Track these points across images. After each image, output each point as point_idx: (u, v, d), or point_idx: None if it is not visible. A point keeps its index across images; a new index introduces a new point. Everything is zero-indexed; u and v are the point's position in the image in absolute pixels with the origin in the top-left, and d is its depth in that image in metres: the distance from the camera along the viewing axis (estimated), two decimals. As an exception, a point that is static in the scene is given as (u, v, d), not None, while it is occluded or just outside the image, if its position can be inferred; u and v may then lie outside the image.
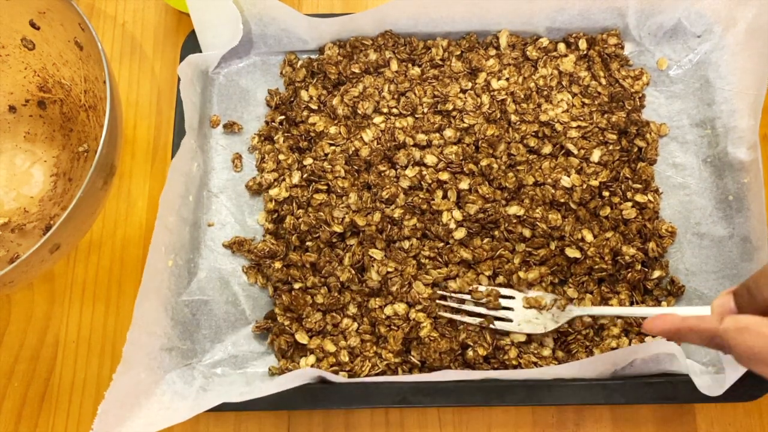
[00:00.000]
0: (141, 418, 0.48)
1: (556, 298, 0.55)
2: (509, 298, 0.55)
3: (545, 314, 0.54)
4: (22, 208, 0.62)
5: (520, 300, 0.55)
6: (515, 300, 0.55)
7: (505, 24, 0.64)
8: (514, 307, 0.55)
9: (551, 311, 0.54)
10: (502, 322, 0.54)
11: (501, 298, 0.55)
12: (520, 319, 0.54)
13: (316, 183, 0.60)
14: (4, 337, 0.59)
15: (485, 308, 0.55)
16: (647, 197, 0.58)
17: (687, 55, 0.64)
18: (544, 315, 0.54)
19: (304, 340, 0.55)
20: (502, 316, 0.54)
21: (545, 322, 0.54)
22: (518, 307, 0.55)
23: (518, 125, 0.60)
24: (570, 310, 0.54)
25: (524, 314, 0.54)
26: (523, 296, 0.55)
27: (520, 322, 0.54)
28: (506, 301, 0.55)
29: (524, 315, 0.54)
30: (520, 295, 0.55)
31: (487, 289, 0.55)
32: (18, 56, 0.62)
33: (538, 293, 0.55)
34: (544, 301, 0.54)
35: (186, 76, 0.59)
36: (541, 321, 0.54)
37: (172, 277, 0.55)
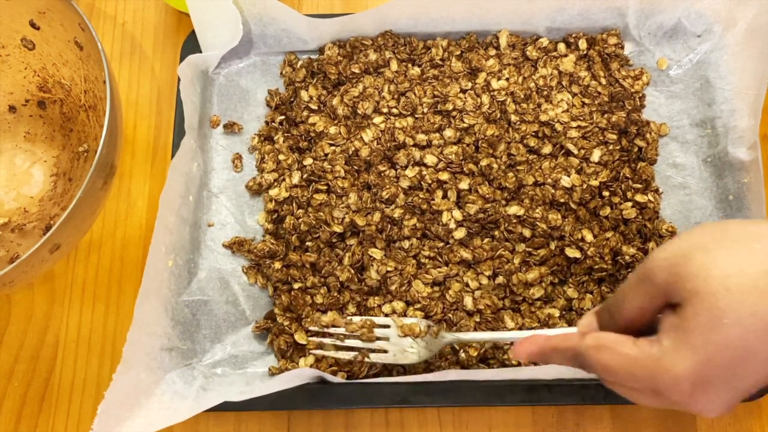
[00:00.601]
0: (141, 418, 0.48)
1: (429, 325, 0.52)
2: (384, 327, 0.53)
3: (419, 342, 0.52)
4: (22, 208, 0.62)
5: (395, 329, 0.52)
6: (390, 329, 0.53)
7: (505, 24, 0.64)
8: (390, 336, 0.52)
9: (425, 338, 0.52)
10: (378, 354, 0.52)
11: (376, 328, 0.53)
12: (396, 349, 0.52)
13: (316, 183, 0.60)
14: (4, 337, 0.59)
15: (360, 341, 0.52)
16: (647, 197, 0.58)
17: (687, 54, 0.64)
18: (419, 343, 0.52)
19: (303, 341, 0.55)
20: (377, 347, 0.52)
21: (419, 350, 0.52)
22: (393, 336, 0.52)
23: (518, 125, 0.60)
24: (442, 336, 0.51)
25: (400, 343, 0.52)
26: (398, 324, 0.52)
27: (396, 352, 0.52)
28: (381, 331, 0.53)
29: (400, 344, 0.52)
30: (395, 324, 0.53)
31: (361, 320, 0.53)
32: (18, 56, 0.62)
33: (412, 320, 0.53)
34: (418, 328, 0.52)
35: (186, 77, 0.59)
36: (416, 349, 0.52)
37: (172, 277, 0.55)
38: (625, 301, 0.38)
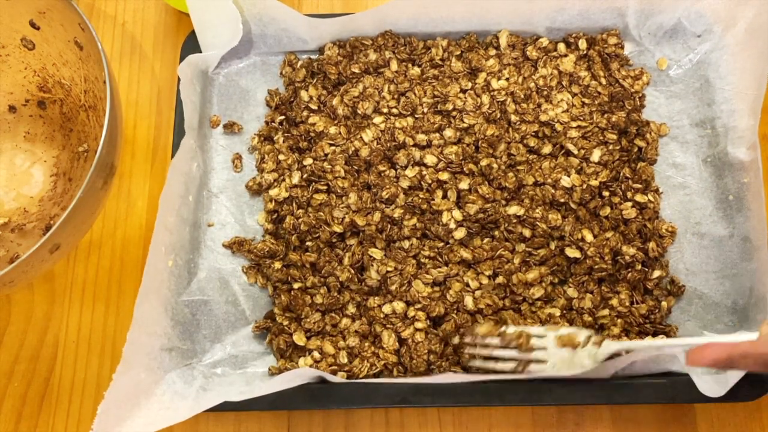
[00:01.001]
0: (141, 418, 0.48)
1: (589, 335, 0.50)
2: (540, 337, 0.51)
3: (581, 352, 0.50)
4: (22, 208, 0.62)
5: (552, 339, 0.51)
6: (547, 338, 0.51)
7: (505, 24, 0.64)
8: (546, 346, 0.51)
9: (586, 348, 0.50)
10: (537, 365, 0.51)
11: (532, 339, 0.51)
12: (556, 359, 0.50)
13: (316, 183, 0.60)
14: (4, 337, 0.59)
15: (516, 351, 0.51)
16: (647, 197, 0.58)
17: (687, 55, 0.64)
18: (579, 354, 0.50)
19: (302, 342, 0.55)
20: (536, 358, 0.51)
21: (582, 361, 0.50)
22: (551, 347, 0.51)
23: (518, 125, 0.60)
24: (607, 345, 0.50)
25: (558, 354, 0.50)
26: (555, 335, 0.50)
27: (556, 363, 0.50)
28: (538, 341, 0.51)
29: (559, 354, 0.50)
30: (552, 334, 0.51)
31: (516, 331, 0.51)
32: (18, 56, 0.62)
33: (570, 330, 0.51)
34: (578, 339, 0.50)
35: (186, 76, 0.59)
36: (578, 360, 0.50)
37: (172, 277, 0.55)
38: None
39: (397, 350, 0.55)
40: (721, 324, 0.56)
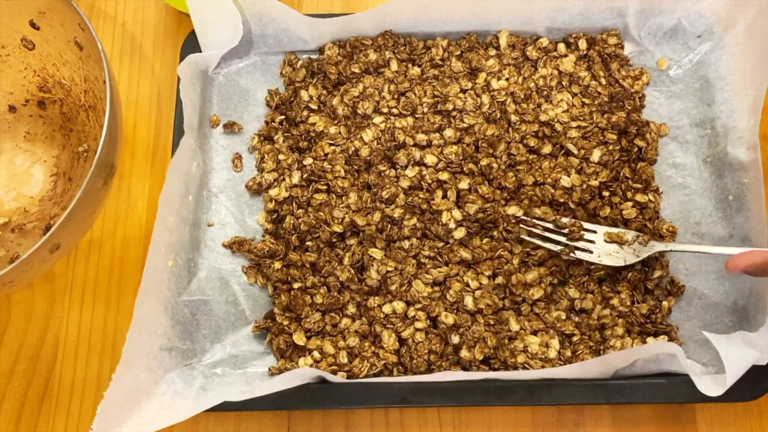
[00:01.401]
0: (141, 417, 0.48)
1: (638, 235, 0.55)
2: (591, 231, 0.56)
3: (626, 248, 0.55)
4: (22, 208, 0.62)
5: (602, 235, 0.55)
6: (597, 234, 0.56)
7: (505, 24, 0.64)
8: (595, 240, 0.55)
9: (632, 246, 0.55)
10: (582, 253, 0.55)
11: (584, 231, 0.55)
12: (601, 251, 0.55)
13: (316, 183, 0.60)
14: (4, 337, 0.59)
15: (567, 239, 0.56)
16: (647, 197, 0.58)
17: (687, 55, 0.64)
18: (626, 249, 0.55)
19: (302, 342, 0.55)
20: (583, 246, 0.55)
21: (625, 256, 0.55)
22: (599, 241, 0.55)
23: (518, 125, 0.60)
24: (652, 245, 0.54)
25: (605, 248, 0.55)
26: (605, 231, 0.55)
27: (600, 254, 0.55)
28: (588, 235, 0.56)
29: (605, 248, 0.55)
30: (602, 230, 0.56)
31: (570, 220, 0.56)
32: (18, 56, 0.62)
33: (620, 230, 0.56)
34: (626, 237, 0.55)
35: (186, 76, 0.59)
36: (622, 255, 0.55)
37: (172, 277, 0.55)
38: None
39: (397, 350, 0.55)
40: (721, 324, 0.56)
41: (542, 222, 0.57)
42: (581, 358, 0.54)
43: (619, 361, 0.51)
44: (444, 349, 0.55)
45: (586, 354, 0.54)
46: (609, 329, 0.55)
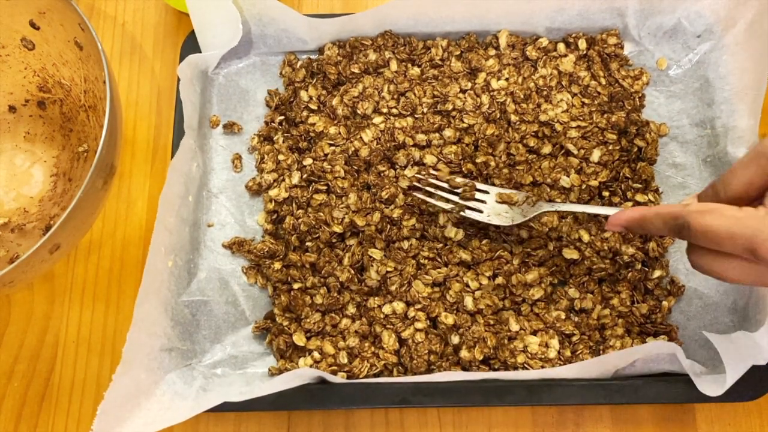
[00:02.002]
0: (141, 418, 0.48)
1: (528, 195, 0.56)
2: (484, 192, 0.57)
3: (515, 209, 0.55)
4: (22, 208, 0.62)
5: (494, 195, 0.56)
6: (489, 195, 0.56)
7: (504, 24, 0.64)
8: (486, 201, 0.56)
9: (522, 207, 0.55)
10: (472, 212, 0.56)
11: (476, 191, 0.56)
12: (491, 211, 0.56)
13: (315, 183, 0.60)
14: (4, 337, 0.59)
15: (459, 198, 0.56)
16: (647, 197, 0.58)
17: (687, 54, 0.64)
18: (514, 210, 0.55)
19: (302, 342, 0.55)
20: (474, 206, 0.56)
21: (513, 216, 0.55)
22: (491, 201, 0.56)
23: (518, 125, 0.60)
24: (540, 205, 0.55)
25: (495, 208, 0.56)
26: (498, 191, 0.56)
27: (490, 213, 0.56)
28: (480, 195, 0.57)
29: (495, 208, 0.56)
30: (495, 191, 0.57)
31: (464, 180, 0.57)
32: (18, 56, 0.62)
33: (511, 191, 0.56)
34: (516, 198, 0.56)
35: (186, 76, 0.59)
36: (510, 215, 0.55)
37: (172, 277, 0.55)
38: (736, 175, 0.41)
39: (397, 350, 0.55)
40: (721, 324, 0.56)
41: (436, 181, 0.58)
42: (581, 358, 0.54)
43: (619, 361, 0.51)
44: (444, 350, 0.55)
45: (586, 354, 0.54)
46: (609, 329, 0.55)
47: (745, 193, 0.41)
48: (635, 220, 0.46)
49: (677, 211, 0.42)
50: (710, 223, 0.39)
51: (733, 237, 0.38)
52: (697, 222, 0.40)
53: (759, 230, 0.37)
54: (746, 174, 0.41)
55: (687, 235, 0.41)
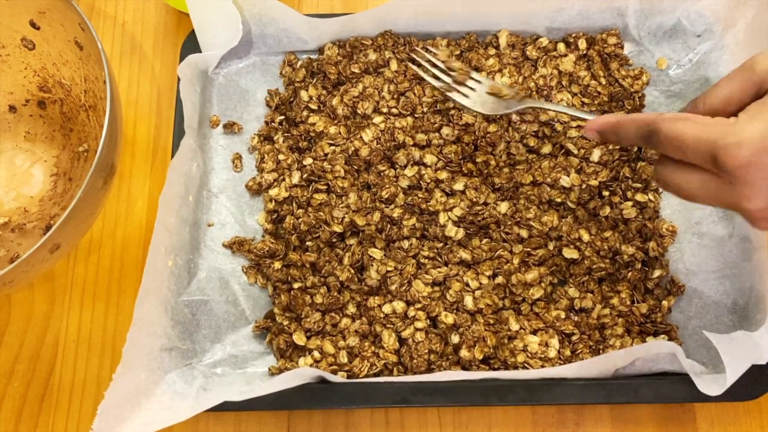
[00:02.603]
0: (141, 418, 0.48)
1: (517, 91, 0.57)
2: (477, 81, 0.58)
3: (502, 102, 0.56)
4: (22, 208, 0.62)
5: (486, 86, 0.57)
6: (481, 85, 0.57)
7: (504, 24, 0.64)
8: (476, 89, 0.57)
9: (508, 101, 0.56)
10: (459, 96, 0.57)
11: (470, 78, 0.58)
12: (477, 99, 0.57)
13: (315, 183, 0.60)
14: (4, 337, 0.59)
15: (452, 80, 0.58)
16: (647, 196, 0.58)
17: (687, 54, 0.64)
18: (500, 103, 0.56)
19: (302, 342, 0.55)
20: (462, 91, 0.57)
21: (497, 108, 0.56)
22: (480, 91, 0.57)
23: (518, 125, 0.60)
24: (525, 101, 0.56)
25: (483, 97, 0.57)
26: (491, 84, 0.57)
27: (476, 101, 0.57)
28: (473, 84, 0.58)
29: (482, 98, 0.57)
30: (488, 83, 0.58)
31: (460, 65, 0.58)
32: (18, 56, 0.62)
33: (504, 84, 0.58)
34: (505, 92, 0.57)
35: (186, 76, 0.59)
36: (495, 106, 0.56)
37: (172, 277, 0.55)
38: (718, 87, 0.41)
39: (398, 350, 0.55)
40: (721, 324, 0.56)
41: (434, 59, 0.59)
42: (581, 358, 0.54)
43: (619, 360, 0.51)
44: (444, 349, 0.55)
45: (586, 353, 0.54)
46: (609, 329, 0.55)
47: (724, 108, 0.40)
48: (611, 125, 0.46)
49: (652, 118, 0.42)
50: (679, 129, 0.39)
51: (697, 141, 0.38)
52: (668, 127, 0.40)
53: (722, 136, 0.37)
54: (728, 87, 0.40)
55: (656, 141, 0.41)
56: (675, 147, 0.40)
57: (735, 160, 0.36)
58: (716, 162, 0.37)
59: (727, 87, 0.40)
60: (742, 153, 0.36)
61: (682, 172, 0.41)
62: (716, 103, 0.41)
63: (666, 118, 0.41)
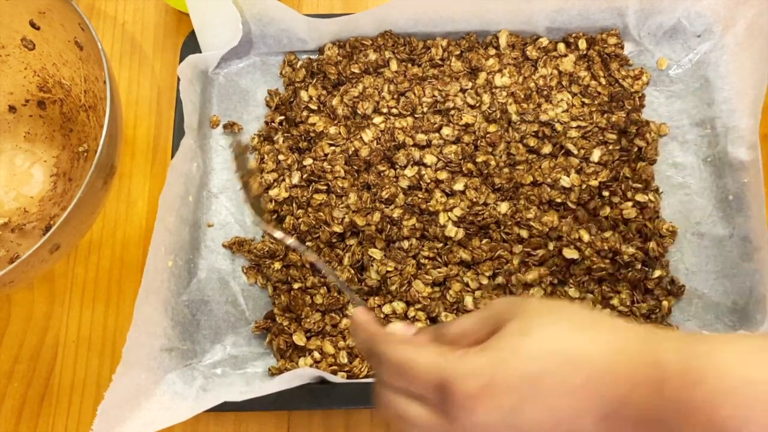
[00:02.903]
0: (141, 418, 0.48)
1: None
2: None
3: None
4: (22, 208, 0.62)
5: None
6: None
7: (504, 24, 0.64)
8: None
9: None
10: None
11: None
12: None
13: (315, 183, 0.60)
14: (4, 337, 0.59)
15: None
16: (647, 197, 0.58)
17: (687, 54, 0.64)
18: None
19: (302, 342, 0.55)
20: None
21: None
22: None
23: (518, 125, 0.60)
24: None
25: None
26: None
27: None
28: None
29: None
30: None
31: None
32: (18, 56, 0.62)
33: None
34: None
35: (186, 77, 0.59)
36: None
37: (172, 277, 0.55)
38: (456, 321, 0.37)
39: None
40: (721, 324, 0.56)
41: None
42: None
43: None
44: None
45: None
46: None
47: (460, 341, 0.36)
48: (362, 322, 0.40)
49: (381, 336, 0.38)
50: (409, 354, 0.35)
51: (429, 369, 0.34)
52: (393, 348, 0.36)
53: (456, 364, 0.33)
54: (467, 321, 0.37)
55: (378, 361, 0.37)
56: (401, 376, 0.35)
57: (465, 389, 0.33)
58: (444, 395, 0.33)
59: (466, 321, 0.37)
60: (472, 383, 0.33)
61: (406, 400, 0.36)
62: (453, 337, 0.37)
63: (393, 340, 0.37)
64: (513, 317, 0.35)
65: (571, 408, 0.32)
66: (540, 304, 0.36)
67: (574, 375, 0.32)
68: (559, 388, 0.32)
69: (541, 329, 0.34)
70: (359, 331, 0.40)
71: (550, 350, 0.33)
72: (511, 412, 0.33)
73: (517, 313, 0.35)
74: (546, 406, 0.32)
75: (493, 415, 0.33)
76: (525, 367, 0.33)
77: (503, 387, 0.33)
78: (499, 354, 0.34)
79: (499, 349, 0.34)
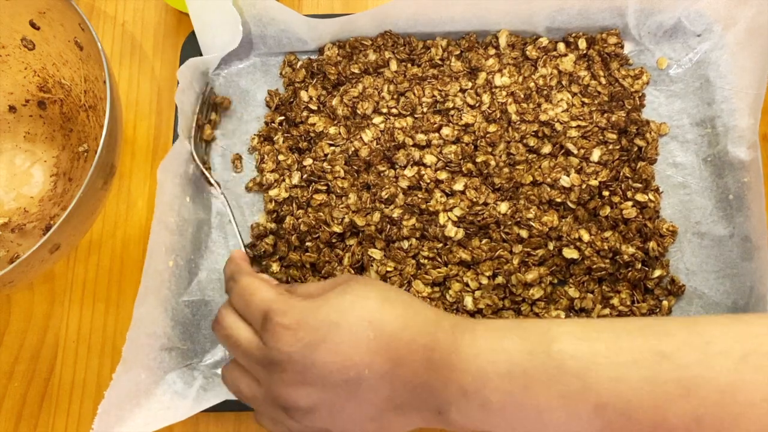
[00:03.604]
0: (141, 417, 0.49)
1: None
2: None
3: None
4: (22, 208, 0.62)
5: None
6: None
7: (504, 24, 0.64)
8: None
9: None
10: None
11: None
12: None
13: (315, 183, 0.60)
14: (4, 337, 0.59)
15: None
16: (647, 196, 0.58)
17: (687, 54, 0.64)
18: None
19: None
20: None
21: None
22: None
23: (518, 125, 0.60)
24: None
25: None
26: None
27: None
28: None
29: None
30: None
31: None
32: (18, 56, 0.62)
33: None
34: None
35: (185, 79, 0.59)
36: None
37: (173, 277, 0.55)
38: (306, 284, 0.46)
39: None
40: (722, 324, 0.56)
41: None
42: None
43: None
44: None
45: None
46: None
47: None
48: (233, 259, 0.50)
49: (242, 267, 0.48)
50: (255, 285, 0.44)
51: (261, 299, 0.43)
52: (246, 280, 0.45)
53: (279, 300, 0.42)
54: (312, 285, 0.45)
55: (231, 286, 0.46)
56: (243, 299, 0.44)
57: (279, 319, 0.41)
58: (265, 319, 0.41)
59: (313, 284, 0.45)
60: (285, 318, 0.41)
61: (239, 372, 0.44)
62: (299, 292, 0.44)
63: (250, 272, 0.47)
64: (343, 285, 0.42)
65: (358, 357, 0.39)
66: (364, 280, 0.43)
67: (366, 331, 0.39)
68: (352, 338, 0.39)
69: (354, 294, 0.41)
70: (230, 263, 0.49)
71: (353, 308, 0.40)
72: (308, 346, 0.39)
73: (347, 282, 0.42)
74: (337, 350, 0.39)
75: (294, 346, 0.39)
76: (329, 316, 0.40)
77: (308, 326, 0.40)
78: (315, 302, 0.41)
79: (318, 300, 0.41)
